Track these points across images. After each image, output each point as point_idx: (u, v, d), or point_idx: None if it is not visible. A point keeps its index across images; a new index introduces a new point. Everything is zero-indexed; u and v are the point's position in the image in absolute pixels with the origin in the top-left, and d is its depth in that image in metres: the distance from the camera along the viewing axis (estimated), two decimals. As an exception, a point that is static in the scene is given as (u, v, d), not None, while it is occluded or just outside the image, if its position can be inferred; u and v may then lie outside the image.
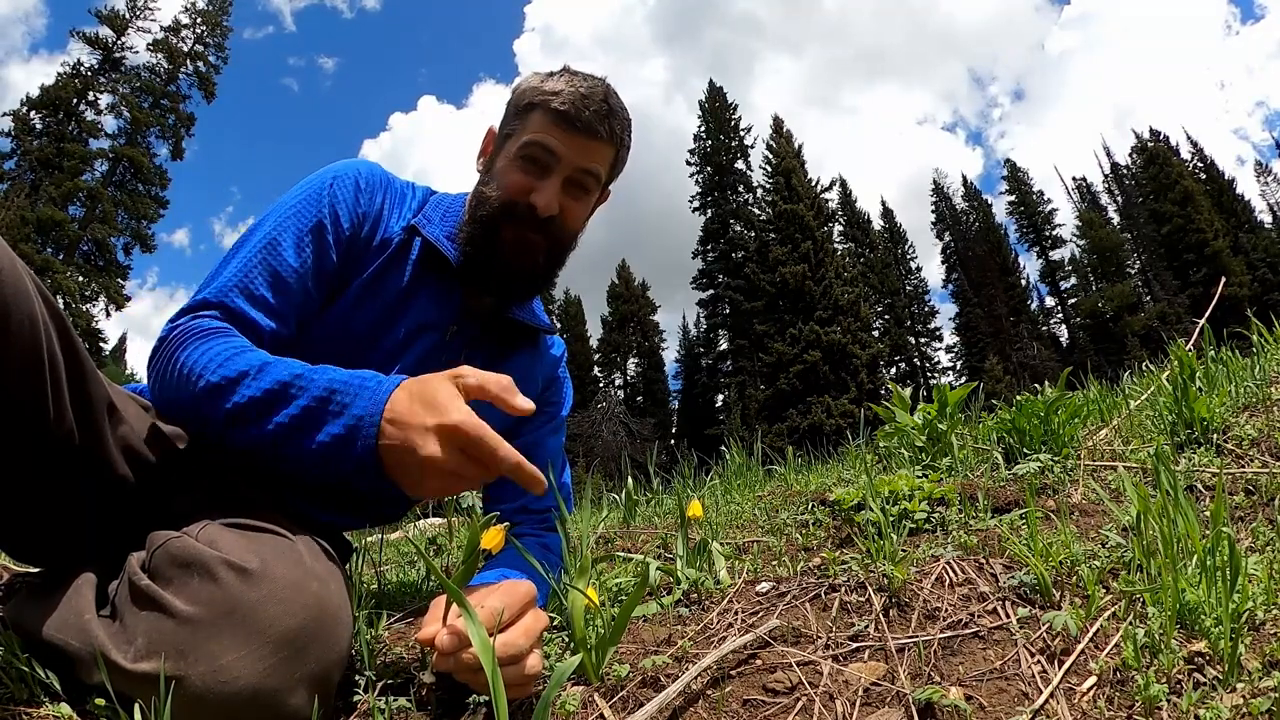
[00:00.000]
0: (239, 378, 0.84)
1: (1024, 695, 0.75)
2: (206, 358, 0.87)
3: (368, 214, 1.11)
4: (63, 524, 0.84)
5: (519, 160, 1.11)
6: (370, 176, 1.13)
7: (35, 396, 0.73)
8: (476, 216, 1.12)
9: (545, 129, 1.10)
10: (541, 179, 1.10)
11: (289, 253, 1.01)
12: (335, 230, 1.06)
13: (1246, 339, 2.36)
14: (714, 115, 40.08)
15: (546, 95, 1.11)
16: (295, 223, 1.04)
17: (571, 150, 1.10)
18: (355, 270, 1.09)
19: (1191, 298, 33.11)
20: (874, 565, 1.04)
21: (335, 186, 1.08)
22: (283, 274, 1.01)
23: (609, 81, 1.15)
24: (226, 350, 0.87)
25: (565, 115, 1.09)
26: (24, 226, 24.89)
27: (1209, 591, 0.81)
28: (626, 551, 1.56)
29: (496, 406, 0.80)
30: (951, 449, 1.84)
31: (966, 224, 42.87)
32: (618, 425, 25.54)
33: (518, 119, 1.14)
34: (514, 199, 1.10)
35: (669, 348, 43.04)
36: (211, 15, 31.70)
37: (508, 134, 1.15)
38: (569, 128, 1.09)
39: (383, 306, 1.10)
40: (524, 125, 1.12)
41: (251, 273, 0.99)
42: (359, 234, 1.09)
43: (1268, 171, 39.91)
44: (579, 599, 0.86)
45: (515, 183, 1.10)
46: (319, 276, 1.05)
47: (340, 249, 1.07)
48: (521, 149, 1.11)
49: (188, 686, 0.64)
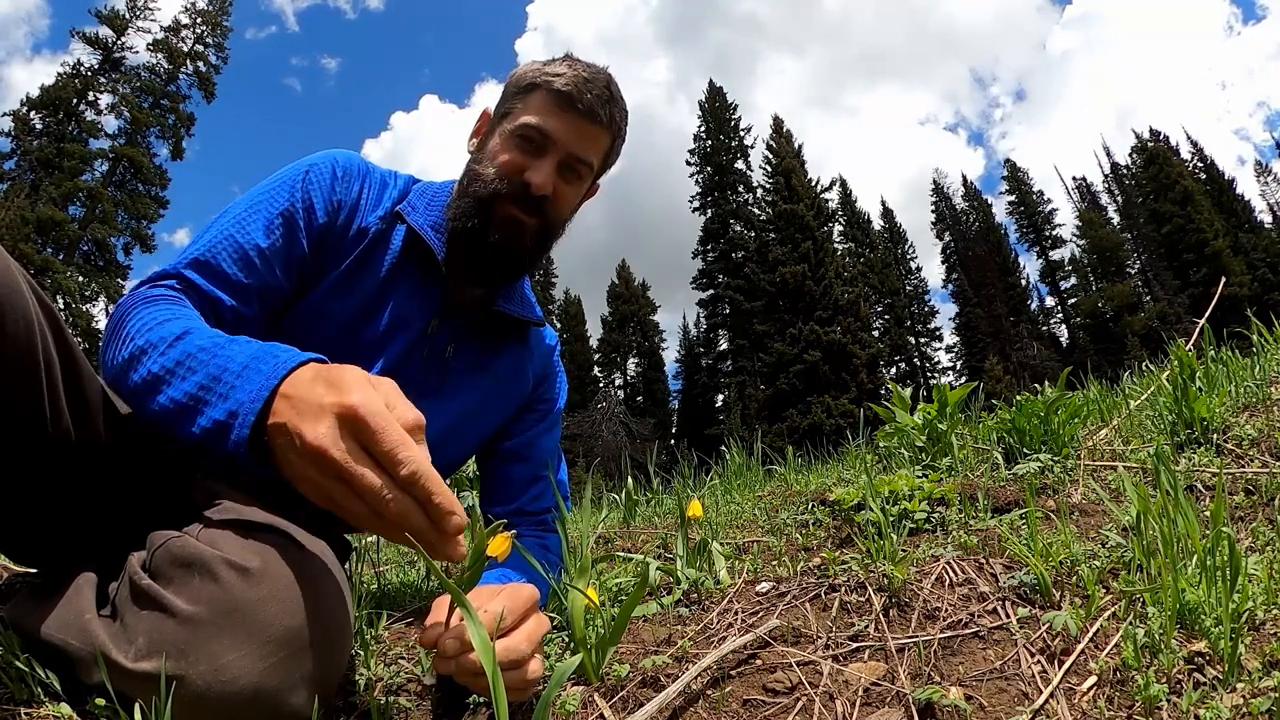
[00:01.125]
0: (157, 343, 0.80)
1: (1024, 695, 0.75)
2: (142, 322, 0.84)
3: (344, 202, 1.08)
4: (62, 524, 0.84)
5: (515, 139, 1.09)
6: (348, 165, 1.10)
7: (32, 397, 0.73)
8: (469, 191, 1.10)
9: (544, 109, 1.09)
10: (536, 158, 1.09)
11: (257, 233, 0.99)
12: (308, 217, 1.04)
13: (1246, 339, 2.36)
14: (714, 115, 40.08)
15: (548, 76, 1.09)
16: (267, 206, 1.01)
17: (569, 133, 1.09)
18: (332, 261, 1.07)
19: (1191, 298, 33.11)
20: (874, 565, 1.04)
21: (311, 174, 1.06)
22: (248, 251, 0.98)
23: (610, 71, 1.14)
24: (158, 317, 0.84)
25: (567, 96, 1.08)
26: (24, 226, 24.88)
27: (1209, 591, 0.81)
28: (626, 551, 1.56)
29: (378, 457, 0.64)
30: (951, 449, 1.84)
31: (966, 224, 42.87)
32: (618, 425, 25.53)
33: (517, 98, 1.12)
34: (508, 175, 1.08)
35: (669, 348, 43.09)
36: (211, 15, 31.69)
37: (504, 113, 1.13)
38: (569, 108, 1.08)
39: (361, 298, 1.07)
40: (523, 105, 1.11)
41: (216, 248, 0.97)
42: (334, 223, 1.07)
43: (1268, 171, 39.91)
44: (579, 599, 0.86)
45: (510, 160, 1.09)
46: (287, 262, 1.02)
47: (312, 237, 1.05)
48: (519, 128, 1.09)
49: (188, 686, 0.64)
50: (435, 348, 1.12)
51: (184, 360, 0.77)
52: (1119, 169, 41.54)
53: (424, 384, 1.10)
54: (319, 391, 0.65)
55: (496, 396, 1.20)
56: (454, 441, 1.17)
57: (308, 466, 0.63)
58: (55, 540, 0.85)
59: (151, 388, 0.78)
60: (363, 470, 0.61)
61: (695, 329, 40.30)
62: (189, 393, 0.75)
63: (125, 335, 0.84)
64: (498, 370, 1.19)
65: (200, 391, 0.74)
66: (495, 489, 1.27)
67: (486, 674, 0.65)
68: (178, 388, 0.76)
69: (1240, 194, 38.79)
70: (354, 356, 1.04)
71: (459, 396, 1.14)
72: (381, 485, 0.61)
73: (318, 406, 0.64)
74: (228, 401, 0.71)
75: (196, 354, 0.77)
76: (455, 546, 0.64)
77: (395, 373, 1.07)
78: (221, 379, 0.73)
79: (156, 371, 0.78)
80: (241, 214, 1.00)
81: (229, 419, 0.70)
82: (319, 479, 0.63)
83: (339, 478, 0.62)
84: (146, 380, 0.78)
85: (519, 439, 1.26)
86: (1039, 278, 42.41)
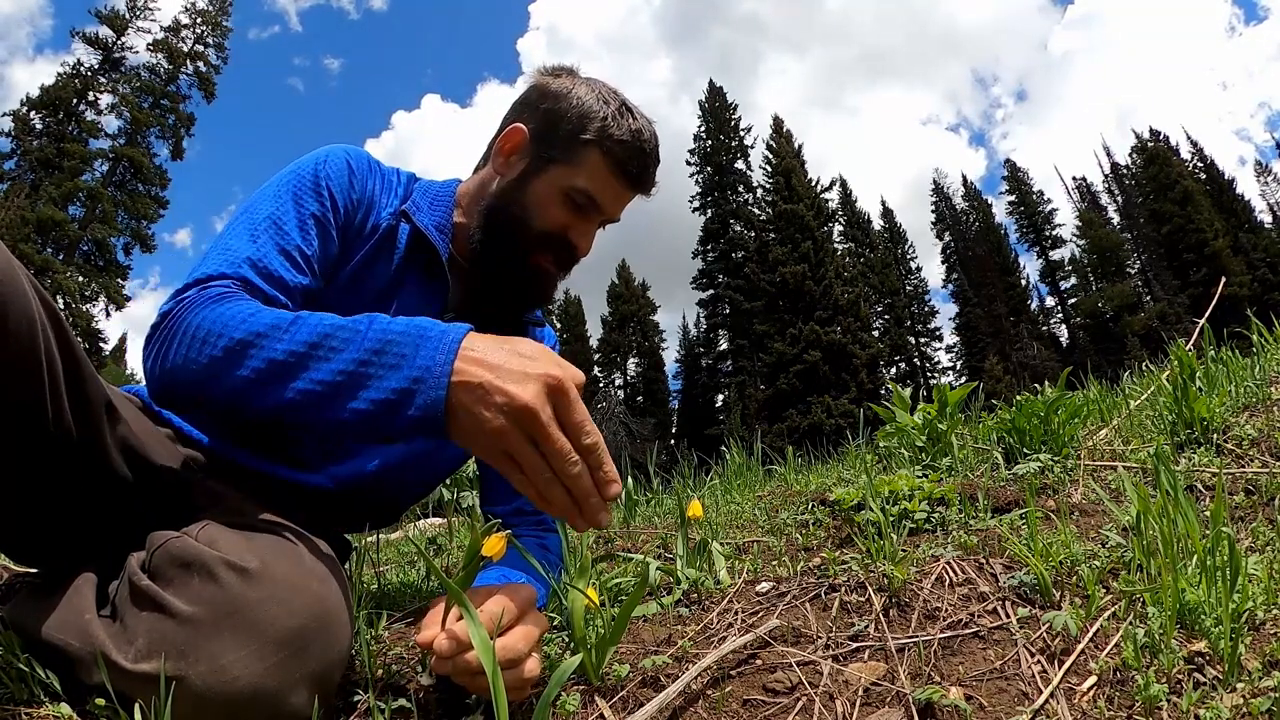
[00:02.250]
0: (269, 331, 0.76)
1: (1024, 695, 0.75)
2: (228, 316, 0.79)
3: (360, 199, 1.07)
4: (62, 524, 0.84)
5: (566, 198, 1.08)
6: (359, 160, 1.09)
7: (33, 397, 0.73)
8: (505, 220, 1.09)
9: (600, 178, 1.08)
10: (584, 221, 1.09)
11: (295, 234, 0.96)
12: (335, 216, 1.02)
13: (1246, 339, 2.36)
14: (714, 115, 40.10)
15: (610, 139, 1.07)
16: (295, 207, 0.98)
17: (619, 203, 1.11)
18: (345, 257, 1.06)
19: (1191, 298, 33.13)
20: (874, 565, 1.04)
21: (329, 168, 1.03)
22: (292, 253, 0.95)
23: (656, 127, 1.14)
24: (249, 308, 0.80)
25: (627, 172, 1.08)
26: (24, 226, 24.89)
27: (1209, 591, 0.81)
28: (626, 551, 1.56)
29: None
30: (951, 449, 1.84)
31: (966, 224, 42.89)
32: (618, 425, 25.54)
33: (570, 149, 1.08)
34: (555, 234, 1.08)
35: (669, 348, 43.11)
36: (211, 15, 31.72)
37: (552, 158, 1.09)
38: (627, 182, 1.09)
39: (372, 295, 1.06)
40: (578, 163, 1.08)
41: (263, 248, 0.92)
42: (353, 221, 1.06)
43: (1268, 171, 39.92)
44: (579, 599, 0.86)
45: (559, 221, 1.08)
46: (324, 263, 1.01)
47: (339, 235, 1.04)
48: (572, 190, 1.07)
49: (188, 686, 0.64)
50: None
51: (321, 341, 0.74)
52: (1119, 169, 41.57)
53: None
54: (516, 359, 0.70)
55: None
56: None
57: (510, 424, 0.67)
58: (56, 540, 0.85)
59: (281, 375, 0.74)
60: (558, 434, 0.68)
61: (695, 329, 40.34)
62: (344, 370, 0.72)
63: (205, 334, 0.78)
64: None
65: (360, 367, 0.72)
66: (493, 488, 1.27)
67: (486, 673, 0.65)
68: (324, 368, 0.73)
69: (1240, 194, 38.82)
70: None
71: None
72: (570, 449, 0.68)
73: (521, 373, 0.68)
74: (404, 370, 0.71)
75: (335, 333, 0.74)
76: (606, 514, 0.71)
77: None
78: (385, 351, 0.72)
79: (283, 358, 0.74)
80: (273, 216, 0.96)
81: (413, 385, 0.70)
82: (515, 437, 0.68)
83: (534, 438, 0.68)
84: (271, 368, 0.74)
85: None
86: (1039, 278, 42.49)
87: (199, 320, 0.80)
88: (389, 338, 0.73)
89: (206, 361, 0.78)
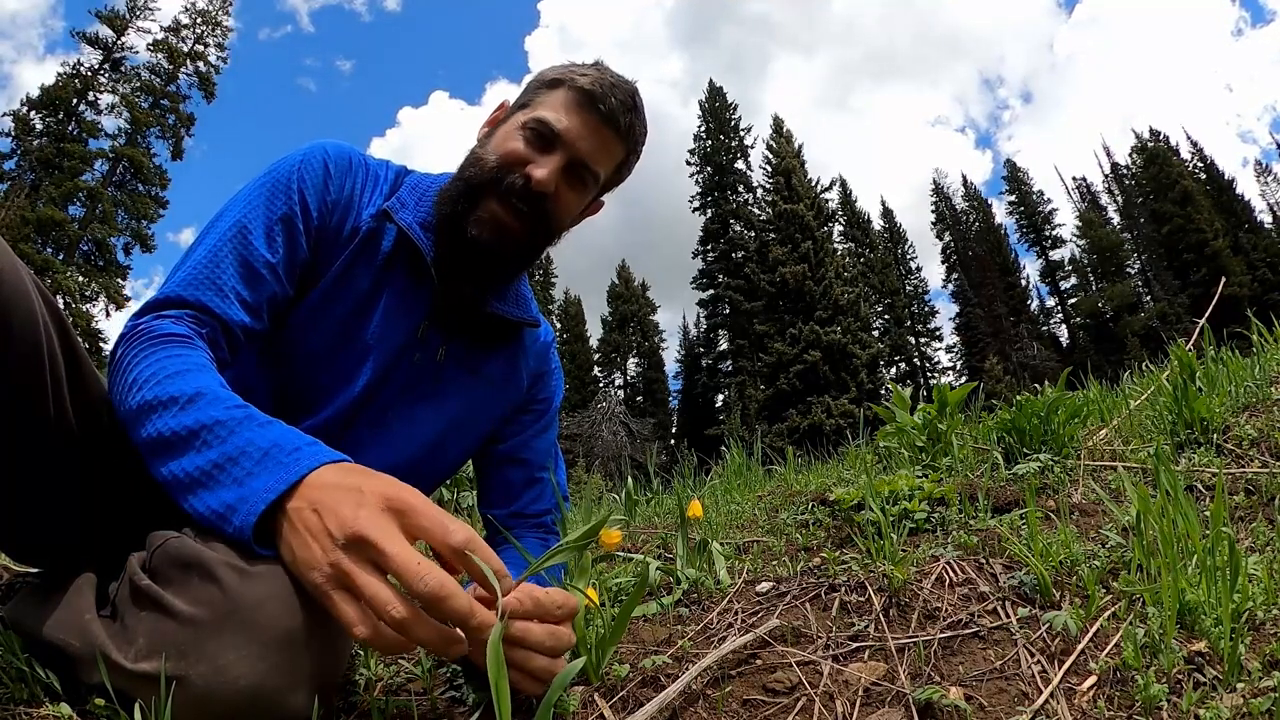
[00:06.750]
0: (167, 402, 0.75)
1: (1024, 695, 0.75)
2: (155, 367, 0.79)
3: (338, 201, 1.03)
4: (63, 524, 0.84)
5: (526, 130, 1.04)
6: (340, 159, 1.04)
7: (36, 396, 0.73)
8: (464, 175, 1.05)
9: (563, 106, 1.05)
10: (543, 154, 1.04)
11: (259, 242, 0.94)
12: (305, 219, 0.99)
13: (1246, 339, 2.36)
14: (714, 115, 40.12)
15: (574, 74, 1.06)
16: (264, 211, 0.96)
17: (583, 135, 1.04)
18: (325, 262, 1.02)
19: (1191, 298, 33.14)
20: (874, 565, 1.05)
21: (304, 172, 1.00)
22: (254, 264, 0.93)
23: (638, 86, 1.11)
24: (170, 366, 0.79)
25: (589, 95, 1.04)
26: (24, 226, 24.90)
27: (1209, 591, 0.81)
28: (626, 551, 1.56)
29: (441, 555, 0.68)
30: (951, 449, 1.84)
31: (966, 224, 42.90)
32: (618, 425, 25.51)
33: (538, 92, 1.08)
34: (509, 166, 1.03)
35: (669, 348, 43.15)
36: (212, 15, 31.72)
37: (522, 104, 1.09)
38: (588, 109, 1.04)
39: (353, 301, 1.02)
40: (543, 100, 1.07)
41: (221, 263, 0.92)
42: (328, 223, 1.02)
43: (1268, 171, 39.93)
44: (579, 599, 0.86)
45: (514, 150, 1.03)
46: (290, 269, 0.98)
47: (310, 239, 1.01)
48: (532, 121, 1.04)
49: (189, 686, 0.64)
50: (426, 351, 1.08)
51: (198, 431, 0.73)
52: (1119, 169, 41.59)
53: (415, 389, 1.08)
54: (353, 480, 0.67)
55: (490, 399, 1.17)
56: (449, 446, 1.15)
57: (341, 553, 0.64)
58: (56, 540, 0.85)
59: (160, 451, 0.74)
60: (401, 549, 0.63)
61: (695, 329, 40.38)
62: (203, 468, 0.71)
63: (133, 380, 0.79)
64: (491, 373, 1.16)
65: (214, 470, 0.71)
66: (492, 492, 1.25)
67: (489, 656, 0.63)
68: (191, 460, 0.72)
69: (1240, 194, 38.84)
70: (345, 361, 1.02)
71: (451, 400, 1.11)
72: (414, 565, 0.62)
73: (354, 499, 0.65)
74: (237, 488, 0.69)
75: (214, 426, 0.73)
76: (487, 623, 0.64)
77: (386, 378, 1.05)
78: (238, 461, 0.70)
79: (167, 435, 0.74)
80: (239, 220, 0.95)
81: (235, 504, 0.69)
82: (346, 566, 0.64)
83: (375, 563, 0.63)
84: (156, 441, 0.74)
85: (513, 441, 1.23)
86: (1039, 278, 42.56)
87: (133, 362, 0.81)
88: (245, 449, 0.71)
89: (129, 408, 0.78)
